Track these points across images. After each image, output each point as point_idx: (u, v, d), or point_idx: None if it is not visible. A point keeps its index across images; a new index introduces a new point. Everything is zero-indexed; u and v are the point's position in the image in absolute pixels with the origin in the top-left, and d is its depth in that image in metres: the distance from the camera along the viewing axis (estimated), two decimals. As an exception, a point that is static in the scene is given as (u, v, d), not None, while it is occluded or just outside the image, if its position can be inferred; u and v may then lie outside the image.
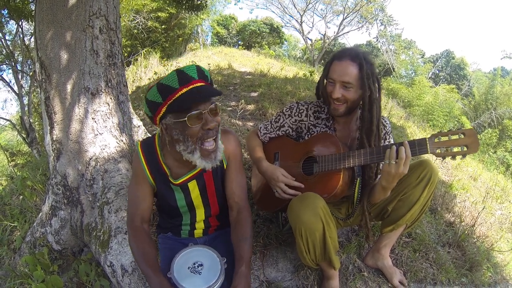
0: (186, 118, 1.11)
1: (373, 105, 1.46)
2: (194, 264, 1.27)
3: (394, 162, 1.30)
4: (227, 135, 1.40)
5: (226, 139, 1.37)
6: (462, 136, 1.24)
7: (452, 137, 1.26)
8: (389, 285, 1.77)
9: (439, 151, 1.26)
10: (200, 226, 1.48)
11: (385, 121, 1.63)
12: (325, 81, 1.56)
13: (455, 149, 1.24)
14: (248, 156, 2.70)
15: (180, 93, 1.11)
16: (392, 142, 1.65)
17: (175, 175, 1.34)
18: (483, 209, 2.61)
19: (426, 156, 3.55)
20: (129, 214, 1.38)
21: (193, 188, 1.37)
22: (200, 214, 1.44)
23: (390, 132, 1.65)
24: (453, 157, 1.25)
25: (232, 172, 1.40)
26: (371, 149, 1.39)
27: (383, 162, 1.36)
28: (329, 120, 1.65)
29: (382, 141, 1.60)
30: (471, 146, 1.22)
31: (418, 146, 1.29)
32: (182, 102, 1.10)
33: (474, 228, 2.35)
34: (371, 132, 1.47)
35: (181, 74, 1.12)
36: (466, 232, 2.25)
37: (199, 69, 1.17)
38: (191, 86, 1.12)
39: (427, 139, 1.28)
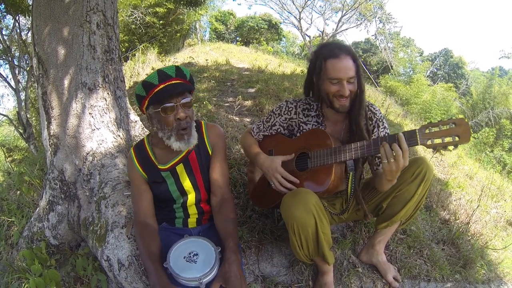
0: (160, 109, 1.33)
1: (363, 89, 1.53)
2: (189, 254, 1.33)
3: (392, 160, 1.27)
4: (212, 127, 1.58)
5: (211, 130, 1.57)
6: (453, 125, 1.19)
7: (443, 127, 1.21)
8: (383, 281, 1.79)
9: (430, 142, 1.23)
10: (193, 212, 1.55)
11: (374, 108, 1.64)
12: (322, 82, 1.53)
13: (446, 139, 1.20)
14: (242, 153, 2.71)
15: (158, 88, 1.32)
16: (387, 129, 1.62)
17: (163, 162, 1.50)
18: (477, 207, 2.63)
19: (421, 152, 3.58)
20: (134, 212, 1.56)
21: (181, 171, 1.50)
22: (191, 198, 1.54)
23: (382, 118, 1.62)
24: (445, 148, 1.21)
25: (217, 161, 1.54)
26: (362, 143, 1.39)
27: (383, 161, 1.32)
28: (319, 117, 1.67)
29: (376, 128, 1.60)
30: (463, 136, 1.17)
31: (408, 138, 1.26)
32: (158, 95, 1.32)
33: (469, 226, 2.37)
34: (360, 116, 1.52)
35: (161, 73, 1.35)
36: (461, 229, 2.28)
37: (177, 69, 1.38)
38: (168, 83, 1.33)
39: (417, 130, 1.25)
